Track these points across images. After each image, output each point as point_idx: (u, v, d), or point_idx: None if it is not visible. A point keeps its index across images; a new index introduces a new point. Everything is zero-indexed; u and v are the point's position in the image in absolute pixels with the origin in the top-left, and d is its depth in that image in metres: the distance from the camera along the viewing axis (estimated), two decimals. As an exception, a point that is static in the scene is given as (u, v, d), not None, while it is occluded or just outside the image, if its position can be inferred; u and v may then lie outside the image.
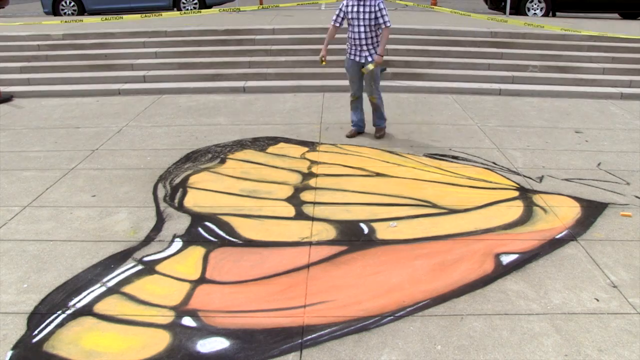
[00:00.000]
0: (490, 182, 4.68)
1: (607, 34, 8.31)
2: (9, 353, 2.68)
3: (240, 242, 3.71)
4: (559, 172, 4.91)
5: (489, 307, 3.00)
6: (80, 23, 10.48)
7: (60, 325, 2.87)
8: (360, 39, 5.41)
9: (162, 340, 2.76)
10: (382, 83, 7.92)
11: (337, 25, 5.54)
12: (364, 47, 5.45)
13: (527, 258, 3.50)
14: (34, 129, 6.25)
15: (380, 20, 5.32)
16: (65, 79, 8.17)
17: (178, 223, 3.95)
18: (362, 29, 5.37)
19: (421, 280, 3.26)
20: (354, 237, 3.75)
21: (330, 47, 8.80)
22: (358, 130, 5.88)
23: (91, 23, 10.30)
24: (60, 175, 4.85)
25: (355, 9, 5.33)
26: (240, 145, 5.58)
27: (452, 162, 5.11)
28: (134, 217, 4.05)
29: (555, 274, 3.32)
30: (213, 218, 4.02)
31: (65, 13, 13.24)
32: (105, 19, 8.81)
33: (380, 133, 5.80)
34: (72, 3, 13.22)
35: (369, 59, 5.46)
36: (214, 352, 2.69)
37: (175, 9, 13.53)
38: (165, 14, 8.68)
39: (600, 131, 6.13)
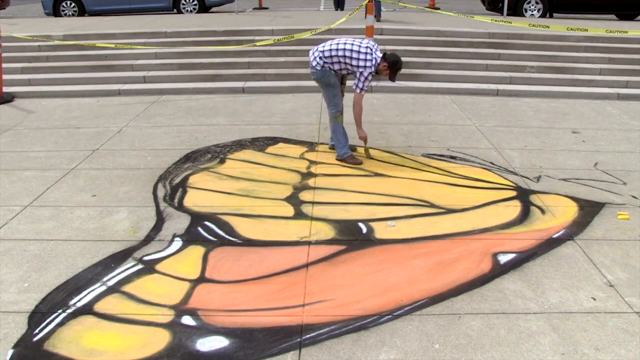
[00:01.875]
0: (488, 182, 4.70)
1: (613, 31, 8.30)
2: (10, 352, 2.69)
3: (240, 241, 3.73)
4: (556, 172, 4.94)
5: (486, 306, 3.02)
6: (80, 23, 10.49)
7: (61, 324, 2.89)
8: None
9: (162, 339, 2.78)
10: (381, 83, 7.97)
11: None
12: None
13: (524, 257, 3.52)
14: (35, 129, 6.27)
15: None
16: (65, 79, 8.19)
17: (178, 222, 3.97)
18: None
19: (419, 279, 3.28)
20: (352, 237, 3.77)
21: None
22: None
23: (91, 23, 10.31)
24: (61, 175, 4.87)
25: None
26: (240, 145, 5.60)
27: (450, 162, 5.13)
28: (134, 217, 4.07)
29: (553, 273, 3.35)
30: (212, 218, 4.04)
31: (65, 14, 13.24)
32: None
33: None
34: (73, 4, 13.22)
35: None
36: (213, 351, 2.70)
37: (174, 10, 13.56)
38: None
39: (597, 131, 6.16)
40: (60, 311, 2.99)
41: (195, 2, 13.49)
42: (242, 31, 9.35)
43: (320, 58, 4.87)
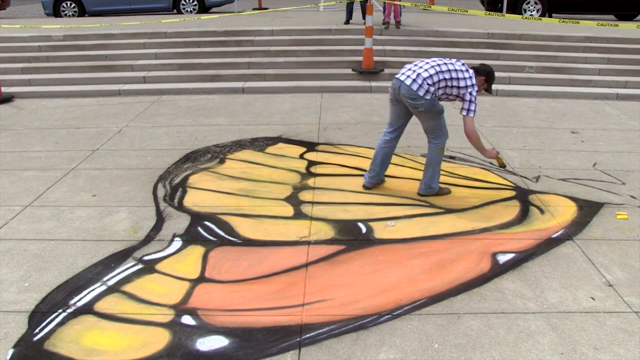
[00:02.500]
0: (487, 182, 4.71)
1: (605, 24, 8.35)
2: (11, 351, 2.70)
3: (240, 241, 3.73)
4: (555, 172, 4.95)
5: (485, 306, 3.03)
6: (81, 23, 10.50)
7: (61, 323, 2.89)
8: None
9: (162, 338, 2.79)
10: (380, 84, 7.97)
11: None
12: None
13: (523, 257, 3.53)
14: (35, 129, 6.28)
15: None
16: (66, 79, 8.20)
17: (178, 222, 3.98)
18: None
19: (419, 279, 3.29)
20: (352, 237, 3.78)
21: (325, 48, 8.93)
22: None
23: (92, 24, 10.33)
24: (61, 175, 4.88)
25: None
26: (240, 145, 5.61)
27: (449, 162, 5.14)
28: (134, 217, 4.08)
29: (552, 273, 3.35)
30: (212, 217, 4.05)
31: (66, 14, 13.26)
32: (103, 25, 8.87)
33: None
34: (73, 5, 13.24)
35: None
36: (213, 351, 2.71)
37: (174, 10, 13.57)
38: (163, 20, 8.76)
39: (595, 131, 6.17)
40: (60, 311, 2.99)
41: (195, 2, 13.50)
42: (241, 31, 9.36)
43: (427, 84, 4.05)
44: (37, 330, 2.85)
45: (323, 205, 4.25)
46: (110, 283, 3.25)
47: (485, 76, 4.26)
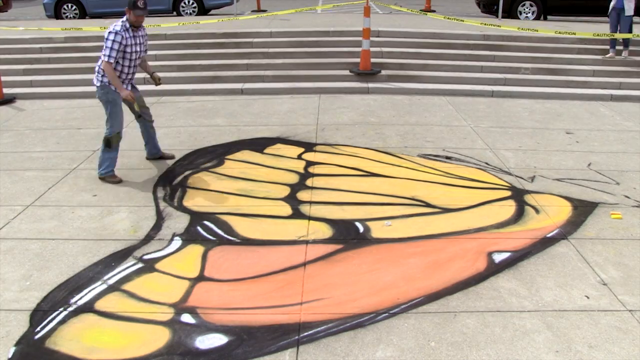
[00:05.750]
0: (483, 182, 4.75)
1: (601, 35, 8.42)
2: (12, 349, 2.73)
3: (238, 240, 3.77)
4: (550, 172, 4.99)
5: (481, 305, 3.07)
6: (81, 24, 10.53)
7: (62, 322, 2.93)
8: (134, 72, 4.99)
9: (162, 336, 2.82)
10: (377, 85, 8.02)
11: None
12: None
13: (519, 256, 3.56)
14: (37, 130, 6.30)
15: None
16: (67, 80, 8.21)
17: (177, 222, 4.02)
18: (138, 62, 4.94)
19: (415, 278, 3.33)
20: (349, 236, 3.81)
21: (323, 49, 8.98)
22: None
23: (92, 25, 10.35)
24: (62, 175, 4.91)
25: (134, 40, 4.69)
26: (238, 146, 5.64)
27: (445, 162, 5.18)
28: (134, 216, 4.11)
29: (547, 272, 3.39)
30: (211, 217, 4.08)
31: (67, 16, 13.29)
32: (105, 27, 8.88)
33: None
34: (74, 7, 13.26)
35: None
36: (212, 349, 2.74)
37: (174, 12, 13.59)
38: (163, 25, 8.79)
39: (590, 132, 6.22)
40: (61, 309, 3.03)
41: (195, 4, 13.53)
42: (240, 33, 9.40)
43: (98, 73, 4.68)
44: (38, 329, 2.88)
45: (321, 205, 4.29)
46: (111, 282, 3.28)
47: (128, 6, 4.53)
